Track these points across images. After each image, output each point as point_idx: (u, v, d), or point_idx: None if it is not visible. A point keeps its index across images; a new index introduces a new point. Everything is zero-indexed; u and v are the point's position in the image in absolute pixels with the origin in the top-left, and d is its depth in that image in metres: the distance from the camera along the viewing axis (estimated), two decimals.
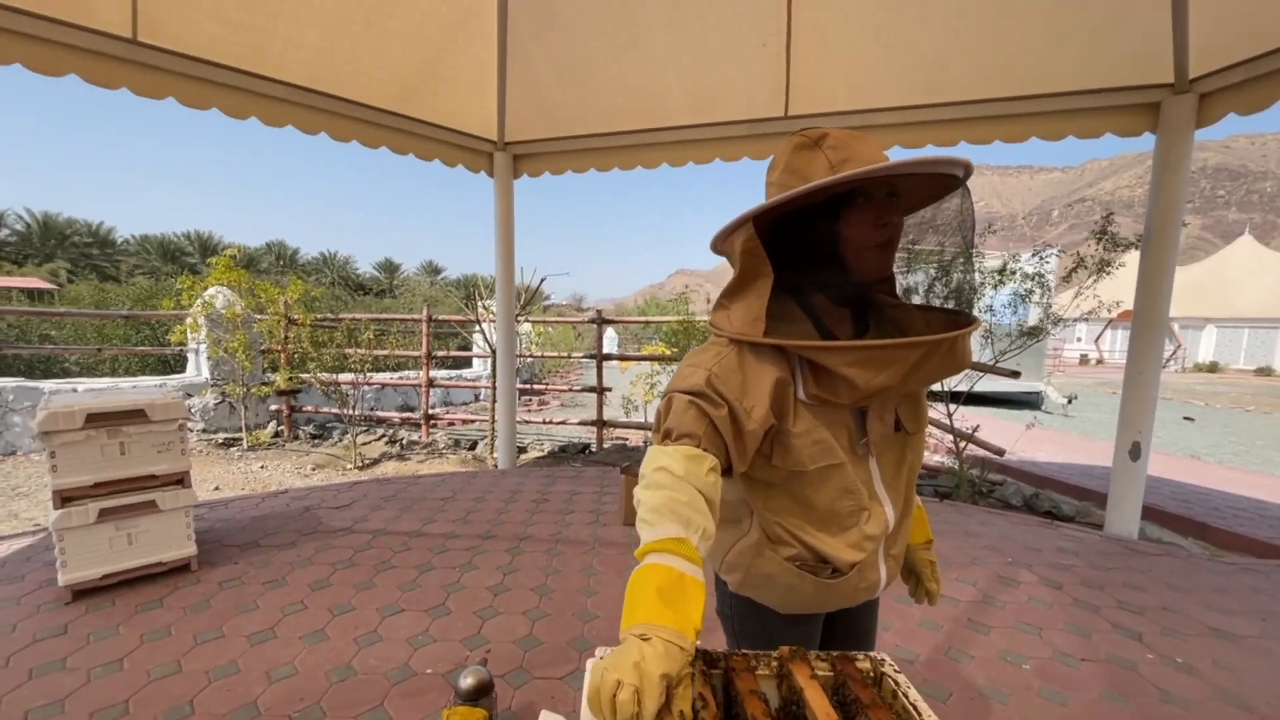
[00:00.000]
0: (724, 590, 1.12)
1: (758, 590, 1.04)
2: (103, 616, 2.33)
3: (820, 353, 0.85)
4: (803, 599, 1.02)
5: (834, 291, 0.92)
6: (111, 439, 2.45)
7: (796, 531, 0.97)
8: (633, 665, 0.63)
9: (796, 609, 1.04)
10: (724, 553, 1.06)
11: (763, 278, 0.88)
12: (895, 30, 3.64)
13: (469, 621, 2.41)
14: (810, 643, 1.10)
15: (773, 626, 1.06)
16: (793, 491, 0.95)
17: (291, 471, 4.93)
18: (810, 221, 0.89)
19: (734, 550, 1.04)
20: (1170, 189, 3.58)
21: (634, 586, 0.74)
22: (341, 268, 34.43)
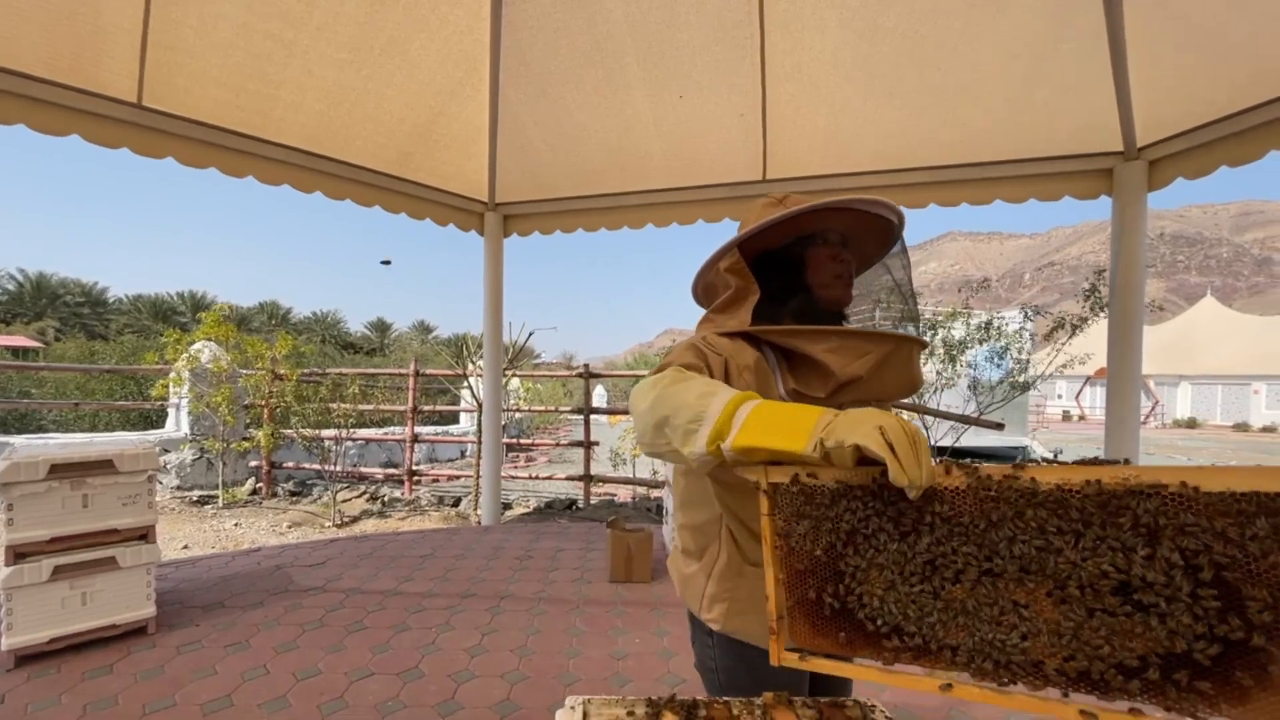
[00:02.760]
0: (706, 641, 1.07)
1: (745, 620, 0.99)
2: (46, 685, 2.17)
3: (801, 337, 0.93)
4: None
5: (798, 304, 1.04)
6: (75, 490, 2.36)
7: None
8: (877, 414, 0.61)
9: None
10: (702, 588, 1.03)
11: (750, 294, 1.00)
12: (863, 103, 3.89)
13: (443, 685, 2.27)
14: (799, 688, 1.05)
15: (761, 673, 0.99)
16: None
17: (267, 529, 4.74)
18: (781, 257, 1.05)
19: (711, 580, 1.02)
20: (1130, 248, 3.77)
21: (774, 412, 0.69)
22: (333, 326, 34.50)
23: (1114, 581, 0.54)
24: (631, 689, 2.30)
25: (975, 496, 0.60)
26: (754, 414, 0.69)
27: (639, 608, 3.08)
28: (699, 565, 1.04)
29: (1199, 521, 0.51)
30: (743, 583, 0.99)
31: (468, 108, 4.05)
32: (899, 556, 0.63)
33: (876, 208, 1.02)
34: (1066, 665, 0.55)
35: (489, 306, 5.08)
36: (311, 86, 3.47)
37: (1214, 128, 3.30)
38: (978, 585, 0.60)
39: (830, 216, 1.02)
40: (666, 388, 0.81)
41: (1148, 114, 3.54)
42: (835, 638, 0.68)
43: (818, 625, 0.69)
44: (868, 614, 0.66)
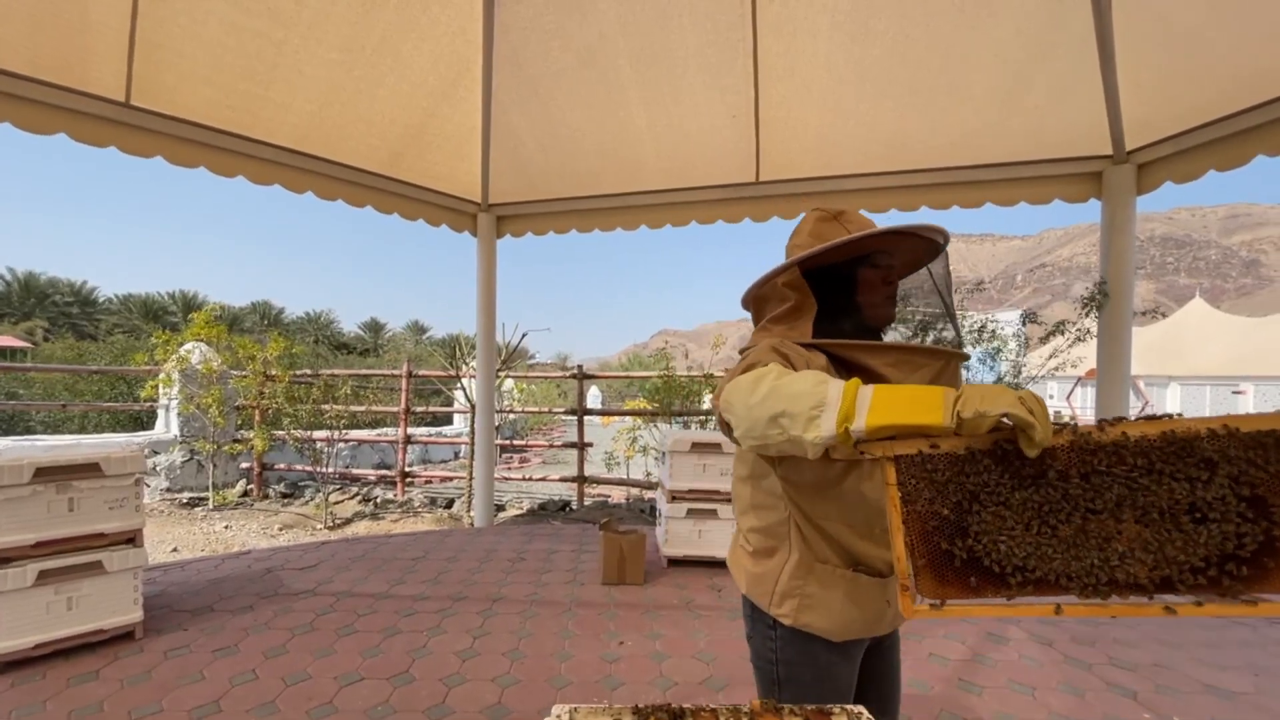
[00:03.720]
0: (769, 635, 1.12)
1: (815, 615, 1.05)
2: (30, 691, 2.14)
3: (862, 351, 0.99)
4: (860, 613, 1.05)
5: (849, 324, 1.10)
6: (60, 494, 2.33)
7: (838, 536, 1.03)
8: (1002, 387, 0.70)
9: (852, 632, 1.06)
10: (773, 585, 1.08)
11: (808, 308, 1.07)
12: (855, 105, 3.91)
13: (434, 690, 2.26)
14: (852, 677, 1.13)
15: (823, 663, 1.07)
16: (840, 493, 1.01)
17: (258, 532, 4.70)
18: (834, 276, 1.10)
19: (782, 578, 1.07)
20: (1119, 250, 3.81)
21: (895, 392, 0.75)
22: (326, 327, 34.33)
23: (1184, 505, 0.70)
24: (624, 692, 2.30)
25: (1077, 450, 0.73)
26: (877, 396, 0.75)
27: (632, 610, 3.08)
28: (770, 564, 1.09)
29: (1241, 454, 0.68)
30: (812, 579, 1.05)
31: (460, 109, 4.04)
32: (1020, 507, 0.74)
33: (931, 233, 1.08)
34: (1153, 574, 0.70)
35: (482, 307, 5.07)
36: (302, 86, 3.45)
37: (1201, 132, 3.34)
38: (1084, 522, 0.73)
39: (888, 239, 1.07)
40: (777, 380, 0.84)
41: (1136, 118, 3.58)
42: (965, 584, 0.76)
43: (946, 577, 0.77)
44: (994, 559, 0.75)
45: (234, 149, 3.54)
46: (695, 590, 3.41)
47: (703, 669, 2.51)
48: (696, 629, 2.90)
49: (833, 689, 1.10)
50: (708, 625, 2.95)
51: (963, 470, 0.76)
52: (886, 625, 1.10)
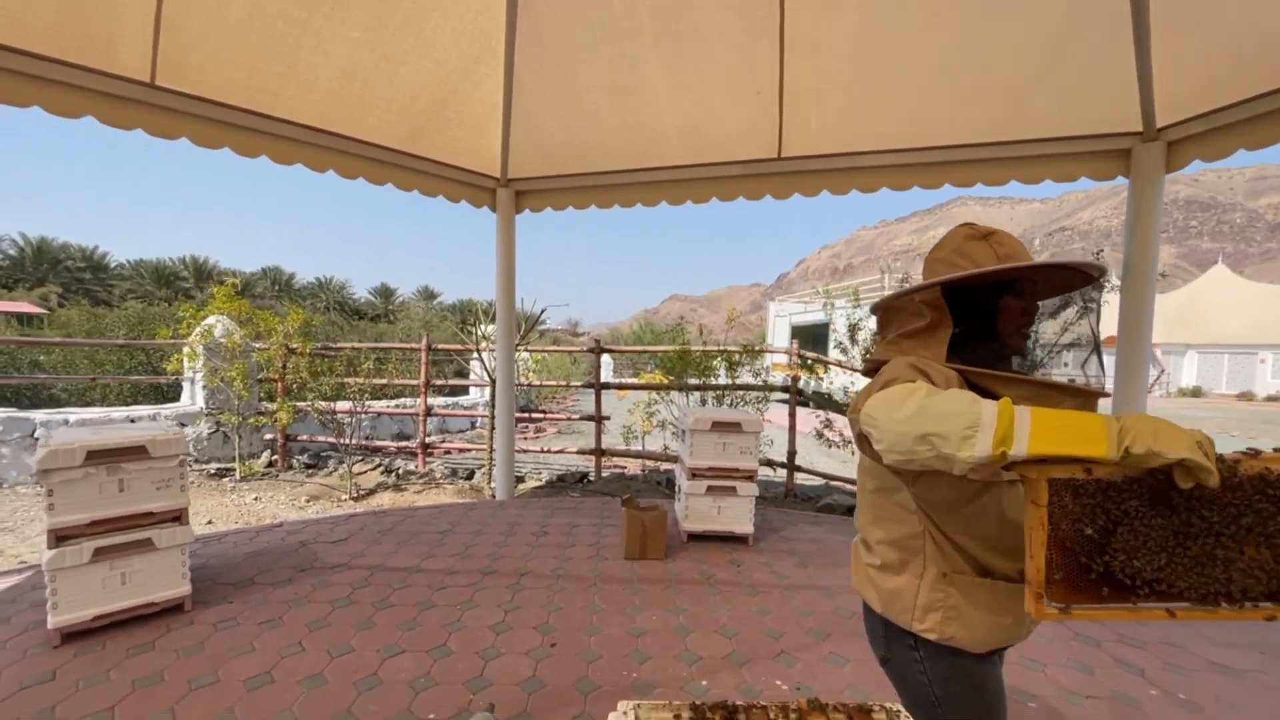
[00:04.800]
0: (912, 657, 1.10)
1: (959, 626, 1.04)
2: (92, 661, 2.28)
3: (999, 382, 0.99)
4: (1000, 621, 1.04)
5: (984, 352, 1.09)
6: (111, 476, 2.43)
7: (966, 548, 1.03)
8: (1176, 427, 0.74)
9: (994, 641, 1.06)
10: (913, 600, 1.07)
11: (944, 327, 1.06)
12: (881, 81, 3.81)
13: (471, 663, 2.38)
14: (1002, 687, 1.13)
15: (975, 673, 1.07)
16: (974, 510, 1.01)
17: (286, 503, 4.87)
18: (976, 300, 1.08)
19: (922, 592, 1.06)
20: (1144, 228, 3.74)
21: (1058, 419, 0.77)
22: (337, 293, 34.39)
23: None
24: (651, 666, 2.41)
25: (1223, 484, 0.77)
26: (1038, 421, 0.77)
27: (655, 585, 3.19)
28: (904, 578, 1.09)
29: None
30: (953, 591, 1.04)
31: (482, 85, 3.98)
32: (1160, 530, 0.81)
33: (1090, 269, 1.06)
34: (1267, 588, 0.79)
35: (501, 283, 5.08)
36: (325, 65, 3.41)
37: (1234, 110, 3.25)
38: (1213, 545, 0.79)
39: (1046, 271, 1.06)
40: (927, 399, 0.84)
41: (1168, 94, 3.48)
42: (1097, 593, 0.83)
43: (1079, 586, 0.84)
44: (1127, 574, 0.82)
45: (257, 128, 3.52)
46: (715, 565, 3.52)
47: (726, 644, 2.62)
48: (718, 604, 3.01)
49: (995, 697, 1.09)
50: (728, 600, 3.06)
51: (1112, 496, 0.81)
52: (1026, 631, 1.08)
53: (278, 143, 3.66)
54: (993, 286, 1.07)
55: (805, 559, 3.69)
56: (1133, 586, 0.82)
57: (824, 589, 3.24)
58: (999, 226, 1.12)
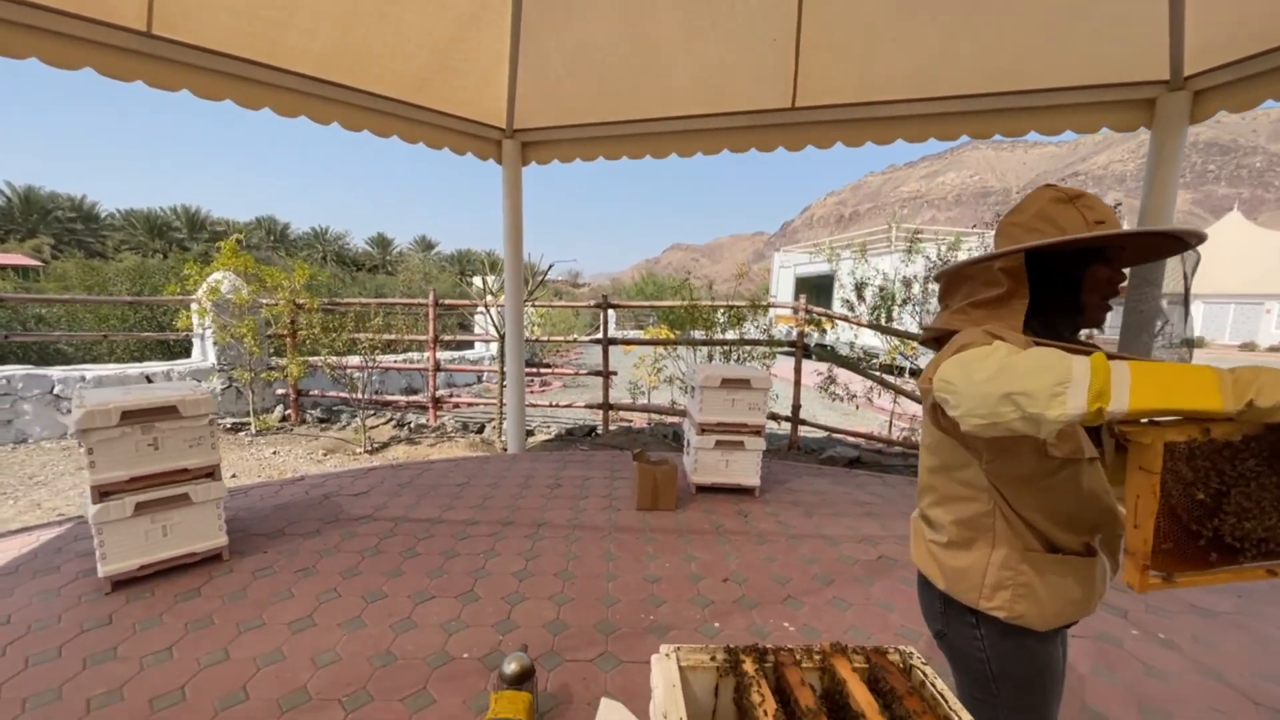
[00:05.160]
0: (972, 634, 1.09)
1: (1029, 604, 1.02)
2: (144, 606, 2.43)
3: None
4: (1070, 596, 1.03)
5: (1064, 325, 1.05)
6: (145, 434, 2.52)
7: (1036, 524, 1.01)
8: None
9: (1065, 617, 1.04)
10: (980, 578, 1.05)
11: (1020, 297, 1.00)
12: (902, 27, 3.66)
13: (498, 607, 2.53)
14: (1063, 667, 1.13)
15: (1037, 653, 1.06)
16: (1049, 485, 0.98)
17: (303, 457, 5.01)
18: (1060, 265, 1.02)
19: (990, 569, 1.04)
20: (1162, 180, 3.68)
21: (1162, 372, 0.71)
22: (334, 243, 33.97)
23: None
24: (666, 609, 2.57)
25: None
26: (1139, 373, 0.70)
27: (667, 535, 3.34)
28: (972, 556, 1.06)
29: None
30: (1025, 569, 1.01)
31: (488, 31, 3.83)
32: (1273, 489, 0.77)
33: (1189, 236, 0.98)
34: None
35: (509, 237, 5.04)
36: (326, 11, 3.29)
37: (1263, 59, 3.14)
38: None
39: (1136, 236, 0.98)
40: (1009, 357, 0.79)
41: (1197, 41, 3.35)
42: (1205, 560, 0.80)
43: (1187, 554, 0.80)
44: (1237, 536, 0.78)
45: (259, 79, 3.42)
46: (723, 516, 3.67)
47: (735, 589, 2.77)
48: (727, 552, 3.16)
49: (1051, 676, 1.09)
50: (737, 549, 3.21)
51: (1228, 457, 0.77)
52: (1092, 608, 1.06)
53: (281, 94, 3.57)
54: (1078, 254, 1.01)
55: (809, 509, 3.84)
56: (1241, 549, 0.78)
57: (827, 538, 3.40)
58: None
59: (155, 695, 1.92)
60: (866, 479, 4.61)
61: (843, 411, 7.46)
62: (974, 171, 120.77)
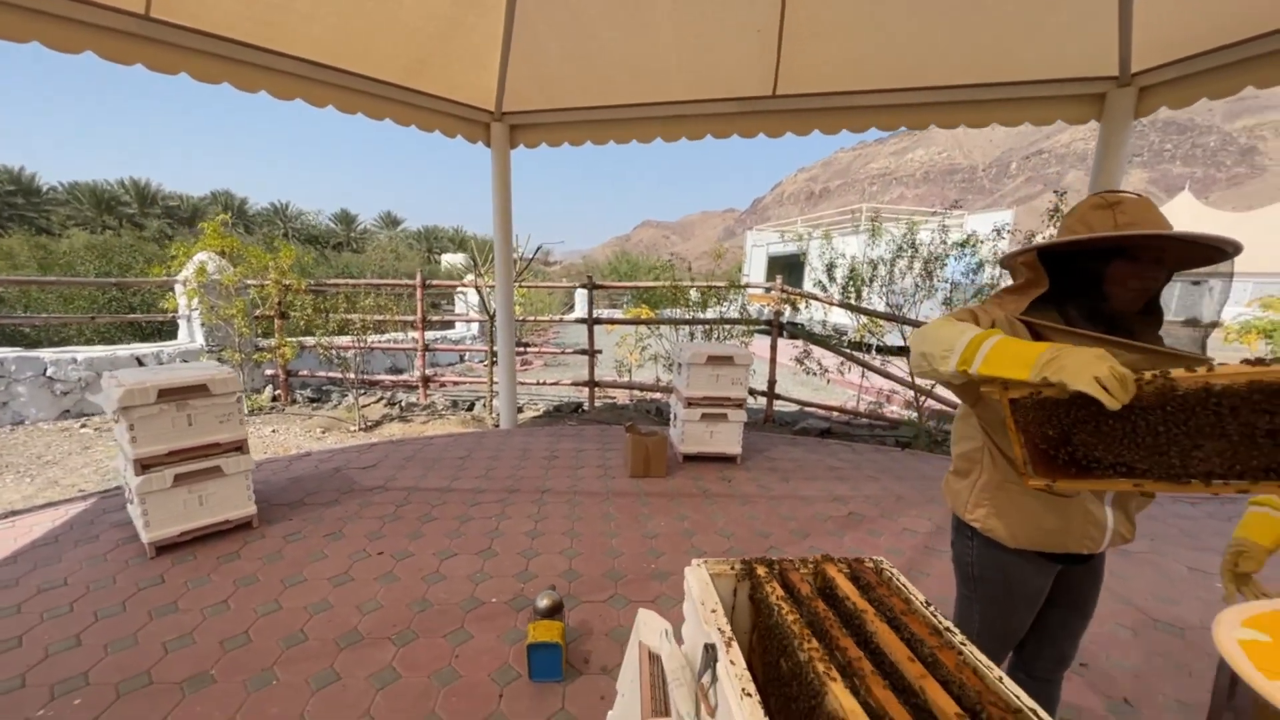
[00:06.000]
0: (967, 544, 1.40)
1: (999, 522, 1.30)
2: (190, 568, 2.64)
3: (1059, 334, 1.17)
4: (1042, 527, 1.26)
5: (1087, 313, 1.22)
6: (180, 411, 2.69)
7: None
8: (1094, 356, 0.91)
9: (1034, 542, 1.28)
10: (968, 496, 1.36)
11: (1035, 288, 1.20)
12: (877, 22, 3.92)
13: (515, 561, 2.82)
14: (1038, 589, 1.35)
15: (1007, 566, 1.34)
16: None
17: (302, 435, 5.15)
18: (1084, 261, 1.19)
19: (975, 491, 1.35)
20: (1109, 172, 4.06)
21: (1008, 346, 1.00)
22: (295, 219, 32.89)
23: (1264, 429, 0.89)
24: (665, 560, 2.90)
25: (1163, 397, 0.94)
26: (994, 349, 1.00)
27: (660, 498, 3.66)
28: (965, 481, 1.37)
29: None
30: (1000, 494, 1.30)
31: (486, 16, 3.95)
32: (1113, 431, 0.99)
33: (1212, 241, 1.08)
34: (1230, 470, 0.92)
35: (498, 219, 5.19)
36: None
37: (1201, 59, 3.49)
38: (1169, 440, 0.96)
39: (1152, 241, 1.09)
40: (936, 327, 1.13)
41: (1143, 41, 3.68)
42: (1068, 473, 1.07)
43: (1055, 468, 1.08)
44: (1090, 460, 1.04)
45: (257, 62, 3.50)
46: (709, 481, 4.01)
47: (725, 542, 3.11)
48: (715, 512, 3.50)
49: (1019, 592, 1.35)
50: (723, 509, 3.55)
51: (1061, 409, 1.03)
52: (1073, 545, 1.27)
53: (277, 78, 3.65)
54: (1100, 253, 1.15)
55: (786, 475, 4.21)
56: (1094, 468, 1.04)
57: (803, 498, 3.77)
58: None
59: (224, 639, 2.16)
60: (837, 447, 5.01)
61: (814, 386, 7.89)
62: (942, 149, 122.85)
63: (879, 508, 3.63)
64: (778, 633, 1.20)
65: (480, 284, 6.19)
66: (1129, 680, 2.14)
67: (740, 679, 0.97)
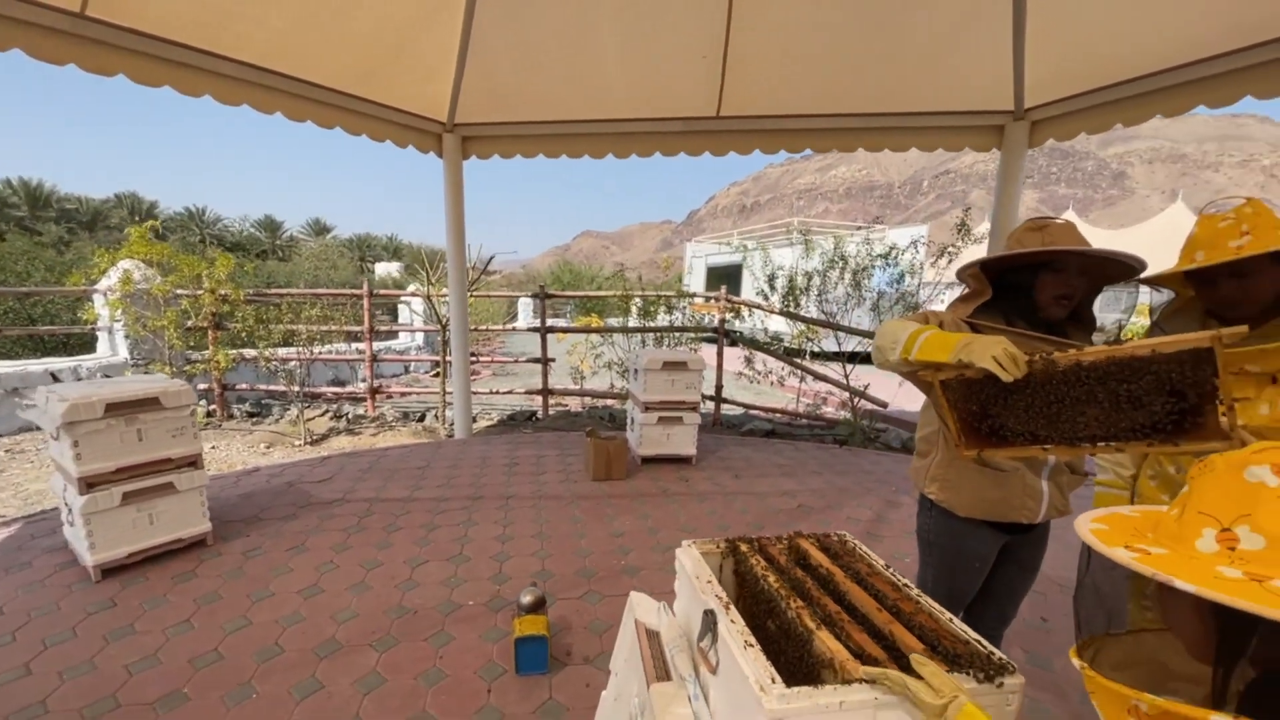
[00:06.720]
0: (927, 515, 1.61)
1: (950, 494, 1.51)
2: (143, 589, 2.52)
3: (990, 330, 1.37)
4: (988, 498, 1.47)
5: (1025, 318, 1.44)
6: (129, 426, 2.57)
7: None
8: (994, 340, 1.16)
9: (981, 511, 1.49)
10: (925, 475, 1.58)
11: (980, 295, 1.43)
12: (810, 54, 4.29)
13: (488, 565, 2.87)
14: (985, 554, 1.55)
15: (958, 533, 1.55)
16: None
17: (245, 450, 4.92)
18: (1020, 273, 1.42)
19: (932, 467, 1.56)
20: (1009, 195, 4.60)
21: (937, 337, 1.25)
22: (211, 225, 30.71)
23: (1126, 396, 1.12)
24: (633, 556, 3.03)
25: (1046, 373, 1.17)
26: (927, 340, 1.25)
27: (623, 499, 3.80)
28: (925, 461, 1.59)
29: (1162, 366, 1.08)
30: (951, 470, 1.51)
31: (440, 30, 4.01)
32: (1016, 403, 1.23)
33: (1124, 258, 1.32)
34: (1107, 432, 1.16)
35: (451, 229, 5.20)
36: (277, 2, 3.32)
37: (1078, 99, 4.03)
38: (1059, 409, 1.18)
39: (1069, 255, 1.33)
40: (888, 324, 1.37)
41: (1033, 82, 4.22)
42: (991, 443, 1.29)
43: (982, 439, 1.30)
44: (1005, 431, 1.26)
45: (202, 66, 3.40)
46: (668, 481, 4.18)
47: (688, 536, 3.24)
48: (675, 510, 3.67)
49: (968, 556, 1.56)
50: (683, 507, 3.73)
51: (975, 387, 1.26)
52: (1013, 514, 1.47)
53: (223, 82, 3.55)
54: (1032, 267, 1.37)
55: (738, 472, 4.45)
56: (1013, 437, 1.26)
57: (756, 494, 4.01)
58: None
59: (192, 657, 2.10)
60: (782, 446, 5.32)
61: (756, 391, 8.27)
62: (862, 166, 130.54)
63: (824, 499, 3.92)
64: (765, 596, 1.37)
65: (431, 293, 6.13)
66: (1039, 635, 2.47)
67: (743, 633, 1.13)
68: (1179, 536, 0.60)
